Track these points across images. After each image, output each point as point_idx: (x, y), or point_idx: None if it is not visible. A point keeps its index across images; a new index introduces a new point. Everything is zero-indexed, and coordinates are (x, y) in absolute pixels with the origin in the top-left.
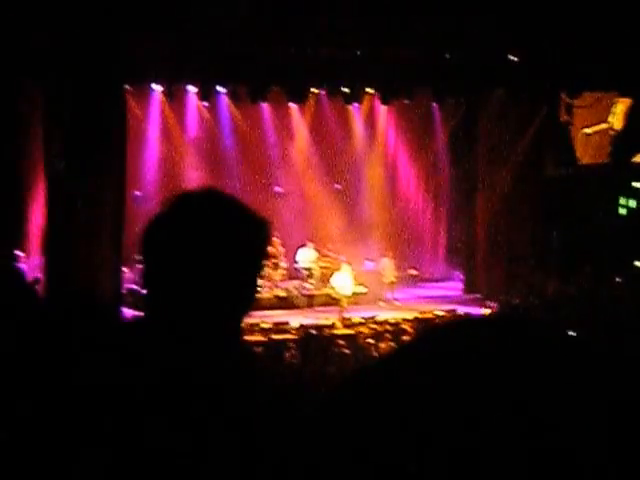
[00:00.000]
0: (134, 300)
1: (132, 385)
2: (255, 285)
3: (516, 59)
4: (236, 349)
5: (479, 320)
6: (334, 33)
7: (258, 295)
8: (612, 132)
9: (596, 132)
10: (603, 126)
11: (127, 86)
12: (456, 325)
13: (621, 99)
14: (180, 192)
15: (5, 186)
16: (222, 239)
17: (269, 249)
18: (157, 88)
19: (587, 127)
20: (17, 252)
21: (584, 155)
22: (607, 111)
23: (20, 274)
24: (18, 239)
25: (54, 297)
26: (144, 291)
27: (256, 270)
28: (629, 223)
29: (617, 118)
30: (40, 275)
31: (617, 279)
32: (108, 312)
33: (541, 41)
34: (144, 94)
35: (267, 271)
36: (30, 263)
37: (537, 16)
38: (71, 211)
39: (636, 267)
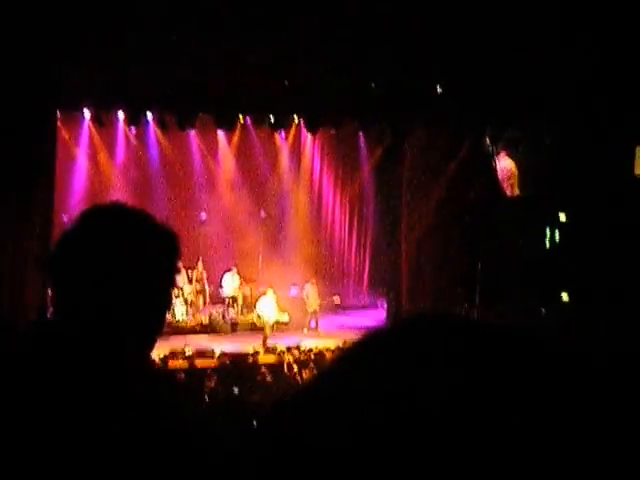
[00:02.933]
0: None
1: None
2: (166, 301)
3: (441, 90)
4: (142, 370)
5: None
6: (262, 61)
7: (182, 320)
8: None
9: (516, 164)
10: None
11: (58, 111)
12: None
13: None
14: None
15: None
16: (129, 252)
17: (194, 275)
18: (87, 114)
19: (507, 159)
20: None
21: (507, 187)
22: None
23: None
24: None
25: None
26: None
27: (166, 284)
28: (555, 255)
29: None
30: None
31: (543, 310)
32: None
33: (467, 74)
34: (74, 119)
35: (191, 297)
36: None
37: (463, 48)
38: None
39: (562, 299)
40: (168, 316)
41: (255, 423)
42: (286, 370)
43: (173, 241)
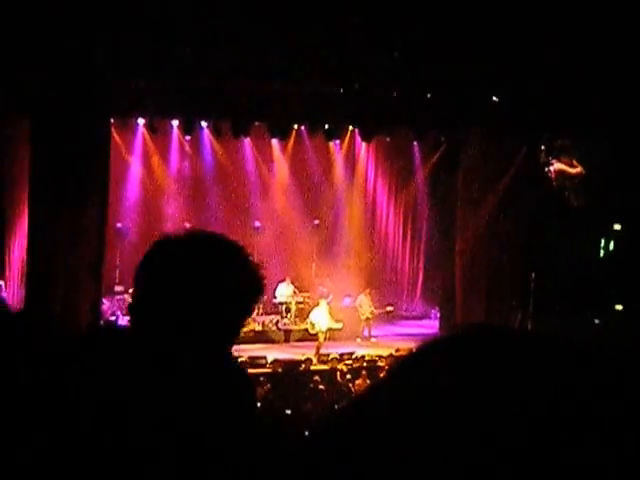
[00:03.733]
0: None
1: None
2: (240, 328)
3: (497, 99)
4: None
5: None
6: (317, 70)
7: None
8: (582, 174)
9: (577, 173)
10: (578, 167)
11: (112, 120)
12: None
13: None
14: (189, 232)
15: None
16: (220, 281)
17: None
18: (141, 122)
19: (568, 168)
20: None
21: (563, 196)
22: (583, 154)
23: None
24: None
25: (31, 326)
26: (124, 321)
27: (244, 314)
28: (609, 265)
29: (593, 160)
30: (20, 305)
31: (596, 321)
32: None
33: (523, 82)
34: (128, 127)
35: None
36: (11, 293)
37: (520, 56)
38: (51, 243)
39: (616, 310)
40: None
41: (308, 433)
42: (338, 378)
43: (259, 279)
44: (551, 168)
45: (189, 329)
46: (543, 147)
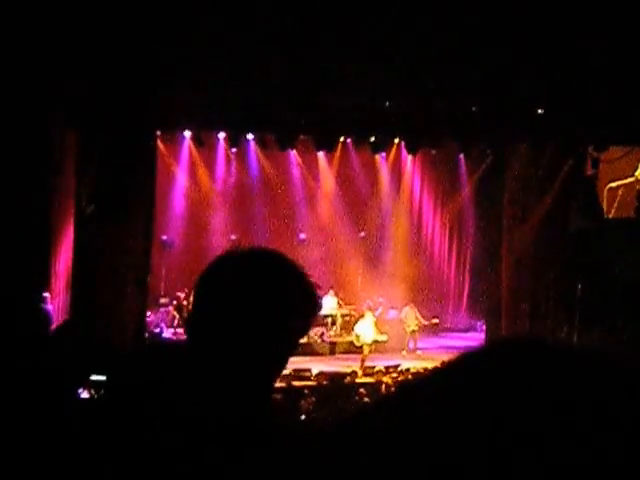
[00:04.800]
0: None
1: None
2: (293, 349)
3: (543, 111)
4: (263, 407)
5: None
6: (363, 82)
7: None
8: (638, 186)
9: (622, 186)
10: (629, 180)
11: (158, 132)
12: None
13: None
14: (250, 249)
15: (35, 229)
16: (279, 301)
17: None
18: (187, 134)
19: (613, 181)
20: (45, 294)
21: (609, 209)
22: (634, 165)
23: (44, 316)
24: (46, 281)
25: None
26: (168, 334)
27: (300, 334)
28: None
29: None
30: (65, 316)
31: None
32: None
33: (569, 95)
34: (174, 139)
35: None
36: (56, 304)
37: (565, 69)
38: (97, 255)
39: None
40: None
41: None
42: (384, 391)
43: (316, 296)
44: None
45: (247, 347)
46: (590, 159)
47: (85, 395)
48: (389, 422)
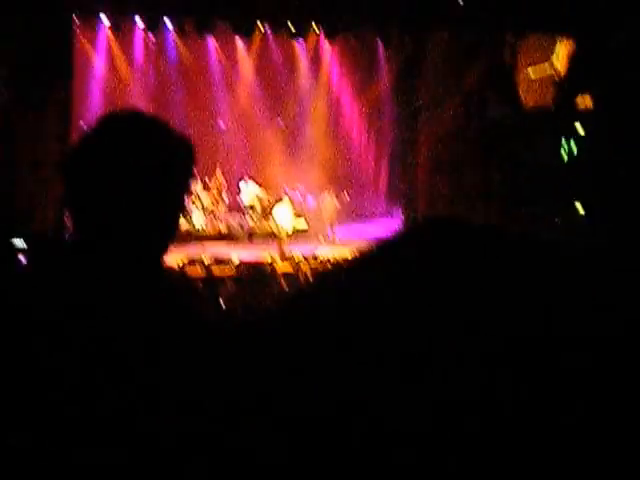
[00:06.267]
0: None
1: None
2: (180, 206)
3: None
4: (157, 274)
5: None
6: None
7: (200, 228)
8: (555, 75)
9: (540, 75)
10: (546, 68)
11: (75, 18)
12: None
13: (565, 41)
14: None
15: None
16: (144, 156)
17: (214, 184)
18: (105, 20)
19: (530, 69)
20: None
21: (527, 98)
22: (551, 53)
23: None
24: None
25: None
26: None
27: (180, 189)
28: (570, 165)
29: (561, 61)
30: None
31: (556, 220)
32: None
33: None
34: (91, 26)
35: (209, 205)
36: None
37: None
38: (16, 142)
39: (575, 208)
40: (186, 224)
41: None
42: (302, 279)
43: (188, 146)
44: (528, 72)
45: (125, 217)
46: (508, 47)
47: None
48: (319, 313)
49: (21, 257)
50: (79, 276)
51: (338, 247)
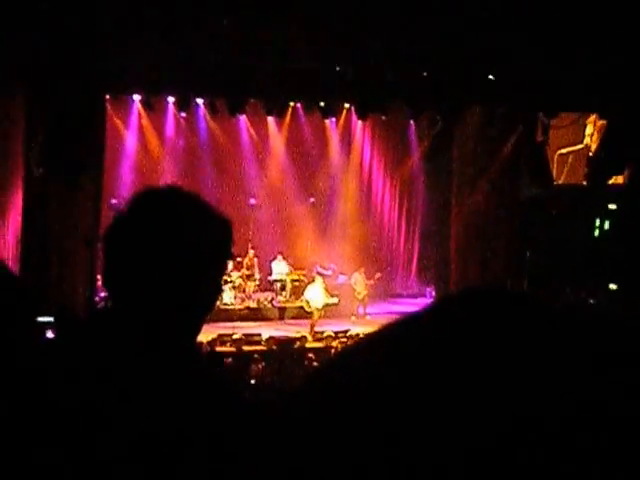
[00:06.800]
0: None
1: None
2: (217, 286)
3: (493, 77)
4: (191, 351)
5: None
6: (313, 47)
7: (230, 305)
8: (587, 152)
9: (572, 153)
10: (579, 147)
11: (107, 95)
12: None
13: (596, 120)
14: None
15: None
16: (183, 235)
17: (245, 261)
18: (136, 98)
19: (563, 148)
20: None
21: (559, 176)
22: (583, 132)
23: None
24: None
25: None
26: (105, 290)
27: (217, 270)
28: (604, 245)
29: (592, 139)
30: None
31: (591, 301)
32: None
33: (519, 60)
34: (124, 103)
35: (240, 283)
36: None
37: (515, 35)
38: (47, 218)
39: (611, 289)
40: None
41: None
42: (333, 356)
43: (226, 226)
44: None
45: (160, 296)
46: (540, 125)
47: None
48: (355, 383)
49: (49, 332)
50: (111, 352)
51: (369, 325)
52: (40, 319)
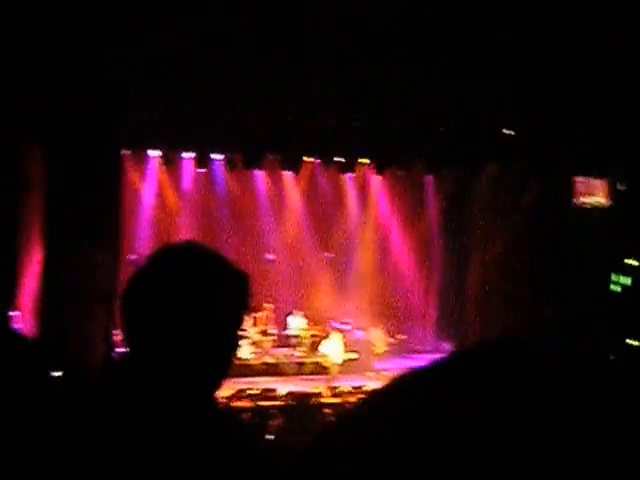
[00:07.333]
0: None
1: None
2: (234, 340)
3: (511, 132)
4: (211, 406)
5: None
6: (330, 103)
7: (247, 361)
8: (604, 208)
9: (589, 207)
10: (595, 201)
11: (125, 151)
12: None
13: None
14: (163, 246)
15: (2, 246)
16: (201, 291)
17: (259, 316)
18: (154, 153)
19: (581, 204)
20: (13, 313)
21: (577, 231)
22: (600, 190)
23: (16, 334)
24: (13, 300)
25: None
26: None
27: (235, 325)
28: (622, 300)
29: (610, 197)
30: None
31: (611, 357)
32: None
33: (536, 116)
34: (141, 158)
35: (257, 338)
36: (24, 323)
37: (533, 91)
38: (66, 274)
39: (629, 345)
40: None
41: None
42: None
43: (244, 281)
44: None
45: (180, 352)
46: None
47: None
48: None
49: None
50: (127, 405)
51: (386, 380)
52: (54, 373)
